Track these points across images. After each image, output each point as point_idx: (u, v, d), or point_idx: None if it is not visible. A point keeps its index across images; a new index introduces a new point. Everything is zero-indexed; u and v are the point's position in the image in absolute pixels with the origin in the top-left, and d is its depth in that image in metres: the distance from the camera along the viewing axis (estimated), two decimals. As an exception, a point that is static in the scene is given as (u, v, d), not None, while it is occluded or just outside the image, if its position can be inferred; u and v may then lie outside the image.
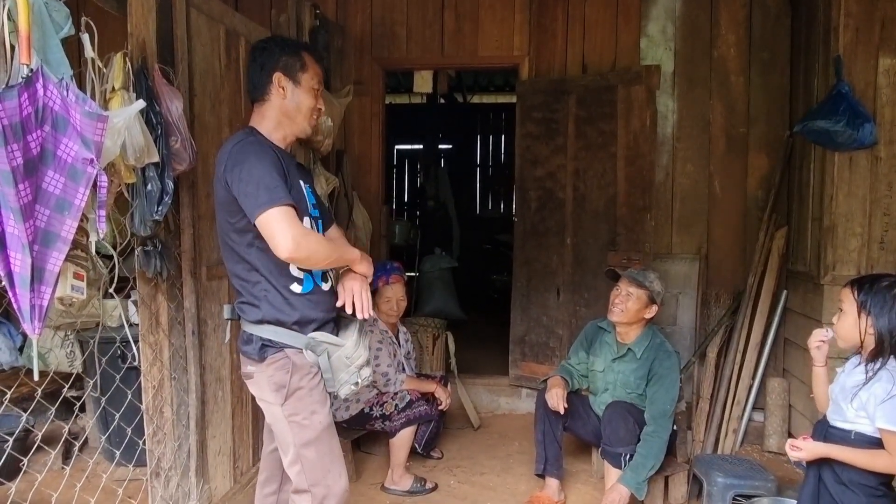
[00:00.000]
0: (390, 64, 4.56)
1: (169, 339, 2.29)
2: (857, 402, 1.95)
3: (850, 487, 1.97)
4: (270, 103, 1.93)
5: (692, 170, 4.10)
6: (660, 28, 4.09)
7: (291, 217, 1.73)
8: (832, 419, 2.07)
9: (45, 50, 1.64)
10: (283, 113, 1.93)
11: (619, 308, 2.99)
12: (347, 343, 1.90)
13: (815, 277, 3.39)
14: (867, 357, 1.97)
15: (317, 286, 1.92)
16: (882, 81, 3.18)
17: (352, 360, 1.89)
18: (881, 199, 3.21)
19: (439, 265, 6.43)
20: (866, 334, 1.95)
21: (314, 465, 1.87)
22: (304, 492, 1.88)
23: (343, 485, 1.90)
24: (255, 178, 1.74)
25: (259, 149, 1.82)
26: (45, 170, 1.57)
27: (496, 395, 4.43)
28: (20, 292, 1.55)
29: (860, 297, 1.97)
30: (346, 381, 1.89)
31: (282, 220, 1.71)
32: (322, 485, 1.86)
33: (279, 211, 1.71)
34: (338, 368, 1.88)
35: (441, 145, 9.96)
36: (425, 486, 3.21)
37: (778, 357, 3.91)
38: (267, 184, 1.73)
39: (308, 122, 1.98)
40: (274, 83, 1.91)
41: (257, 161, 1.77)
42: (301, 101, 1.94)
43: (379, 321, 3.44)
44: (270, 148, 1.85)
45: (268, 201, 1.71)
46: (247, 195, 1.74)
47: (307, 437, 1.86)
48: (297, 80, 1.93)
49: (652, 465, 2.78)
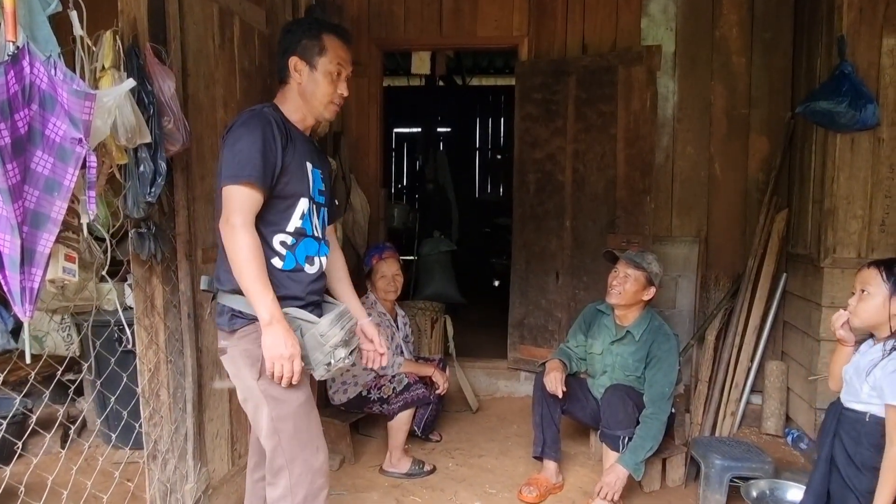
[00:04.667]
0: (388, 44, 4.51)
1: (164, 322, 2.27)
2: (872, 378, 1.94)
3: (862, 470, 1.97)
4: (290, 86, 1.95)
5: (692, 152, 4.06)
6: (661, 7, 4.04)
7: (245, 200, 1.75)
8: (846, 401, 2.06)
9: (32, 27, 1.60)
10: (300, 96, 1.94)
11: (617, 290, 2.97)
12: (322, 321, 1.85)
13: (815, 260, 3.38)
14: (887, 337, 1.96)
15: (299, 265, 1.90)
16: (886, 62, 3.15)
17: (326, 338, 1.83)
18: (883, 181, 3.19)
19: (438, 248, 6.41)
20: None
21: (292, 439, 1.83)
22: (280, 469, 1.84)
23: (322, 459, 1.88)
24: (235, 149, 1.76)
25: (255, 121, 1.80)
26: (33, 150, 1.54)
27: (495, 379, 4.43)
28: (10, 274, 1.53)
29: (892, 280, 1.95)
30: (320, 361, 1.83)
31: (235, 199, 1.75)
32: (300, 459, 1.83)
33: (237, 189, 1.74)
34: (312, 347, 1.82)
35: (440, 128, 9.90)
36: (424, 468, 3.21)
37: (777, 340, 3.91)
38: (242, 157, 1.75)
39: (324, 108, 1.98)
40: (290, 67, 1.92)
41: (246, 132, 1.78)
42: (316, 86, 1.93)
43: (377, 303, 3.43)
44: (273, 123, 1.83)
45: (233, 175, 1.75)
46: (224, 162, 1.79)
47: (284, 410, 1.83)
48: (314, 64, 1.92)
49: (650, 446, 2.78)
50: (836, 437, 2.06)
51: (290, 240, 1.89)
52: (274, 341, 1.73)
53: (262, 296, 1.73)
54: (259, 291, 1.73)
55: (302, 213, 1.91)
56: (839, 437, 2.05)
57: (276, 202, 1.86)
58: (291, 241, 1.89)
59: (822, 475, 2.09)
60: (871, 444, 1.96)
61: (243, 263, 1.73)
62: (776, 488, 2.69)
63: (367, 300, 3.42)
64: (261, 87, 2.87)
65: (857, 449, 1.98)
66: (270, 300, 1.74)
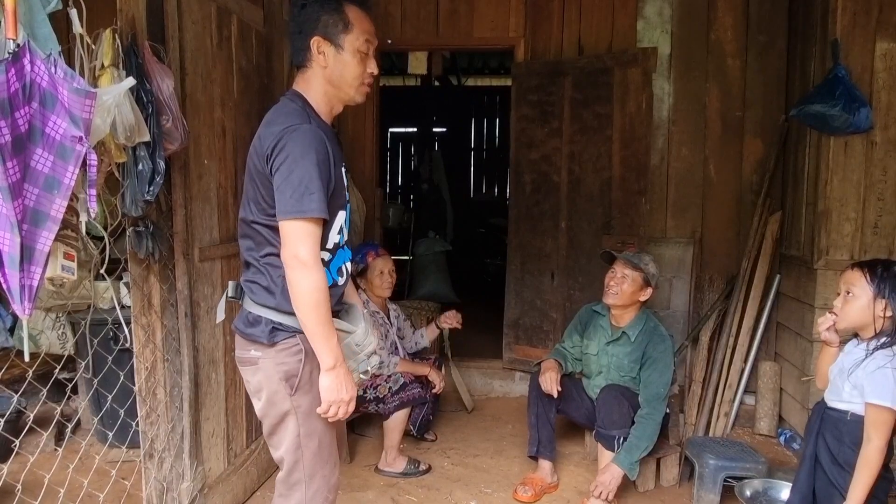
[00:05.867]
0: (385, 44, 4.51)
1: (161, 321, 2.28)
2: (854, 377, 1.96)
3: (845, 468, 1.99)
4: (313, 71, 1.72)
5: (687, 153, 4.08)
6: (656, 10, 4.06)
7: (311, 235, 1.61)
8: (829, 400, 2.09)
9: (32, 25, 1.60)
10: (327, 82, 1.73)
11: (614, 290, 2.98)
12: (358, 330, 1.81)
13: (808, 262, 3.40)
14: (871, 337, 1.98)
15: (335, 280, 1.80)
16: (879, 65, 3.17)
17: (361, 347, 1.80)
18: (875, 184, 3.22)
19: (433, 249, 6.43)
20: (885, 318, 1.96)
21: (315, 455, 1.78)
22: (297, 484, 1.78)
23: (337, 475, 1.86)
24: (294, 178, 1.58)
25: (308, 141, 1.61)
26: (33, 148, 1.54)
27: (490, 379, 4.44)
28: (9, 272, 1.53)
29: (876, 281, 1.97)
30: (354, 369, 1.80)
31: (301, 234, 1.60)
32: (319, 476, 1.79)
33: (302, 225, 1.59)
34: (347, 356, 1.76)
35: (435, 128, 9.91)
36: (419, 467, 3.22)
37: (770, 341, 3.93)
38: (303, 189, 1.58)
39: (355, 91, 1.77)
40: (313, 49, 1.69)
41: (301, 156, 1.59)
42: (345, 67, 1.71)
43: (369, 301, 3.43)
44: (322, 135, 1.65)
45: (297, 210, 1.58)
46: (282, 192, 1.60)
47: (313, 428, 1.76)
48: (340, 43, 1.69)
49: (645, 446, 2.80)
50: (820, 436, 2.08)
51: (328, 256, 1.75)
52: (336, 386, 1.67)
53: (328, 340, 1.64)
54: (325, 335, 1.64)
55: (340, 226, 1.78)
56: (822, 436, 2.07)
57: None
58: (329, 258, 1.76)
59: (806, 473, 2.11)
60: (852, 443, 1.98)
61: (313, 305, 1.61)
62: (769, 488, 2.71)
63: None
64: (258, 86, 2.87)
65: (839, 447, 2.01)
66: (335, 344, 1.66)
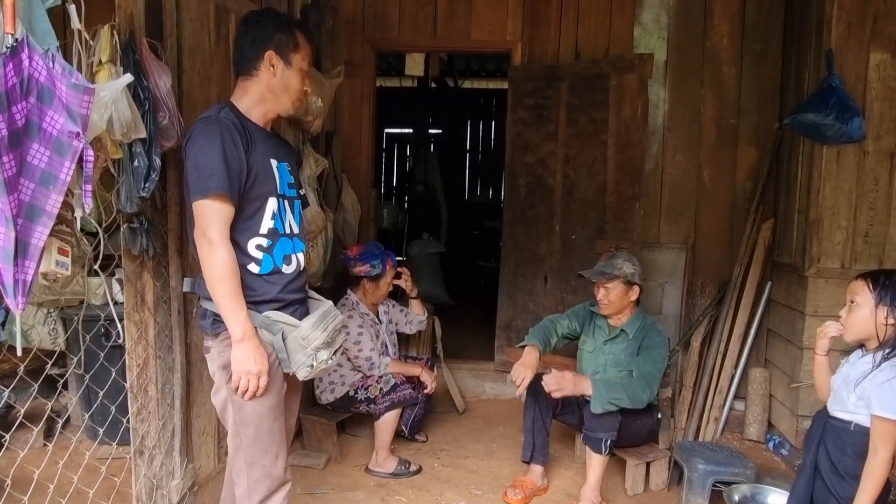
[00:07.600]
0: (382, 45, 4.52)
1: (154, 318, 2.27)
2: (860, 389, 1.97)
3: (845, 478, 2.00)
4: (258, 79, 1.90)
5: (682, 160, 4.11)
6: (653, 16, 4.08)
7: (218, 213, 1.75)
8: (832, 409, 2.10)
9: (31, 20, 1.60)
10: (268, 90, 1.91)
11: (604, 303, 3.06)
12: (304, 324, 1.87)
13: (799, 269, 3.43)
14: (876, 348, 2.00)
15: (276, 267, 1.90)
16: (872, 76, 3.20)
17: (308, 341, 1.85)
18: (867, 194, 3.24)
19: (427, 250, 6.42)
20: (887, 326, 1.98)
21: (252, 444, 1.86)
22: (240, 471, 1.88)
23: (281, 466, 1.90)
24: (198, 163, 1.75)
25: (213, 129, 1.77)
26: (29, 142, 1.54)
27: (481, 380, 4.45)
28: (3, 266, 1.52)
29: (878, 291, 1.99)
30: (302, 362, 1.86)
31: (207, 213, 1.74)
32: (258, 465, 1.86)
33: (208, 203, 1.74)
34: (294, 349, 1.85)
35: (431, 130, 9.91)
36: (409, 468, 3.22)
37: (760, 347, 3.96)
38: (206, 170, 1.73)
39: (292, 103, 1.97)
40: (265, 60, 1.88)
41: (205, 143, 1.75)
42: (290, 81, 1.92)
43: (360, 304, 3.42)
44: (231, 126, 1.79)
45: (201, 189, 1.74)
46: (189, 177, 1.78)
47: (245, 416, 1.84)
48: (289, 60, 1.91)
49: (622, 397, 2.81)
50: (821, 445, 2.09)
51: (266, 242, 1.88)
52: (244, 357, 1.76)
53: (235, 312, 1.76)
54: (231, 308, 1.75)
55: (272, 212, 1.90)
56: (824, 445, 2.08)
57: (246, 206, 1.84)
58: (267, 243, 1.88)
59: (806, 481, 2.12)
60: (854, 453, 1.99)
61: (217, 279, 1.75)
62: (758, 493, 2.73)
63: (346, 301, 3.42)
64: (255, 84, 2.86)
65: (841, 457, 2.02)
66: (243, 317, 1.76)
